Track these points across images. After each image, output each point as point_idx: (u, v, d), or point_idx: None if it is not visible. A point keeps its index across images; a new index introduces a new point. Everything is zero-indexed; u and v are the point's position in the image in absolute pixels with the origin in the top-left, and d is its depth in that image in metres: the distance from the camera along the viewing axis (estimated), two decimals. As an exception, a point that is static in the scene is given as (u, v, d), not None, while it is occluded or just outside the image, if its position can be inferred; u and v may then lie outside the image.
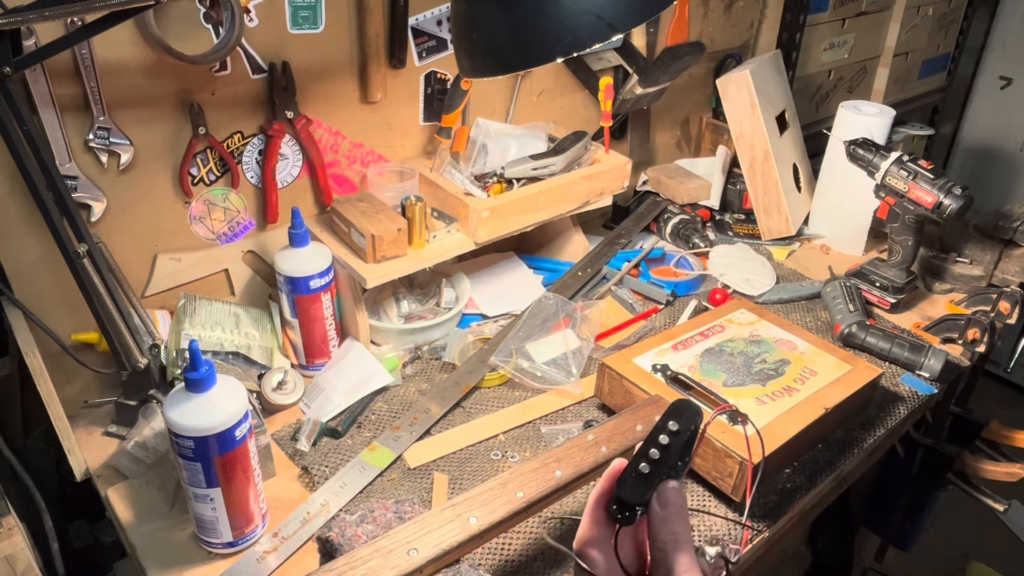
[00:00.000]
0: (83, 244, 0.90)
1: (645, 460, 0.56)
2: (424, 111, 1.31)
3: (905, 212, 1.32)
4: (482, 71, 0.81)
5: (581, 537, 0.58)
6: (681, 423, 0.59)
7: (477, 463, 1.02)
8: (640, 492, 0.55)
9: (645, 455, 0.57)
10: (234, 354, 1.08)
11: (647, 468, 0.56)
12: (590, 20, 0.72)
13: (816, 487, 1.02)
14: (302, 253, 1.09)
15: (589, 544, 0.57)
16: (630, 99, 1.44)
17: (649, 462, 0.56)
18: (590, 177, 1.33)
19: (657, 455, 0.57)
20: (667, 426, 0.59)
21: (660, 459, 0.57)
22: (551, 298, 1.25)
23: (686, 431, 0.59)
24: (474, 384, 1.14)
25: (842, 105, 1.51)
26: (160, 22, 0.97)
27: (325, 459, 1.01)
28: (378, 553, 0.71)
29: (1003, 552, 2.21)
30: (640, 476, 0.56)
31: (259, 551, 0.89)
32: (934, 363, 1.19)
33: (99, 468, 1.00)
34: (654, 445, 0.57)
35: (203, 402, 0.80)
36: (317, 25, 1.12)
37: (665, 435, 0.58)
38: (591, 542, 0.57)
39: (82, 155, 0.99)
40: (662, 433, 0.58)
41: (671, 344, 1.12)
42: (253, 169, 1.15)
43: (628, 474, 0.56)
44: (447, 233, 1.23)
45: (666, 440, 0.58)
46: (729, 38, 1.75)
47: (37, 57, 0.85)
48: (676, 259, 1.48)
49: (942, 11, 2.24)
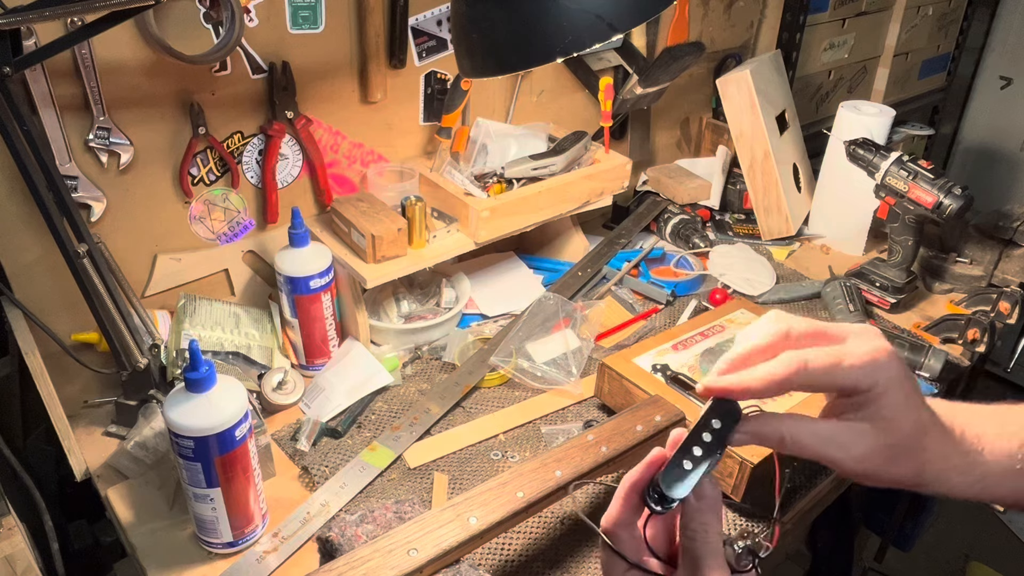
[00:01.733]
0: (83, 244, 0.90)
1: (688, 457, 0.58)
2: (424, 111, 1.31)
3: (905, 212, 1.33)
4: (482, 71, 0.81)
5: (611, 518, 0.59)
6: (724, 421, 0.60)
7: (477, 463, 1.02)
8: (684, 488, 0.57)
9: (688, 451, 0.58)
10: (234, 354, 1.08)
11: (690, 465, 0.58)
12: (590, 20, 0.72)
13: (816, 487, 1.02)
14: (302, 253, 1.09)
15: (619, 525, 0.59)
16: (630, 99, 1.44)
17: (692, 459, 0.58)
18: (590, 177, 1.33)
19: (700, 452, 0.58)
20: (710, 423, 0.60)
21: (702, 456, 0.58)
22: (551, 298, 1.25)
23: (727, 430, 0.60)
24: (474, 384, 1.14)
25: (842, 105, 1.51)
26: (160, 22, 0.97)
27: (325, 459, 1.01)
28: (378, 553, 0.71)
29: (1003, 552, 2.21)
30: (683, 471, 0.58)
31: (259, 551, 0.89)
32: (934, 363, 1.19)
33: (99, 468, 1.00)
34: (697, 442, 0.59)
35: (203, 402, 0.80)
36: (317, 25, 1.12)
37: (708, 432, 0.59)
38: (621, 523, 0.59)
39: (82, 155, 0.99)
40: (705, 431, 0.60)
41: (671, 344, 1.12)
42: (253, 169, 1.15)
43: (672, 467, 0.58)
44: (447, 233, 1.23)
45: (709, 438, 0.59)
46: (729, 38, 1.75)
47: (37, 57, 0.85)
48: (676, 259, 1.48)
49: (942, 11, 2.24)
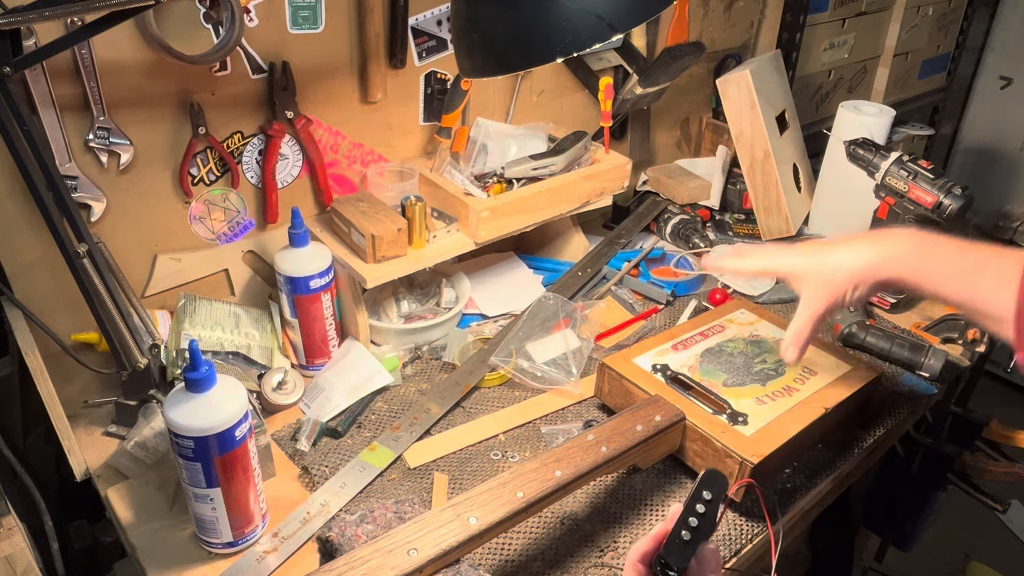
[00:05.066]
0: (83, 244, 0.90)
1: (686, 528, 0.67)
2: (424, 111, 1.31)
3: (905, 212, 1.32)
4: (482, 71, 0.81)
5: None
6: (714, 492, 0.69)
7: (477, 463, 1.02)
8: (684, 557, 0.66)
9: (686, 523, 0.67)
10: (234, 354, 1.08)
11: (688, 535, 0.67)
12: (590, 20, 0.72)
13: (816, 487, 1.02)
14: (302, 253, 1.09)
15: None
16: (630, 99, 1.44)
17: (689, 529, 0.67)
18: (590, 177, 1.33)
19: (696, 523, 0.67)
20: (702, 495, 0.69)
21: (699, 526, 0.67)
22: (551, 298, 1.25)
23: (718, 499, 0.69)
24: (474, 384, 1.14)
25: (842, 105, 1.51)
26: (160, 22, 0.97)
27: (325, 459, 1.01)
28: (378, 553, 0.72)
29: (1003, 552, 2.21)
30: (683, 542, 0.66)
31: (259, 551, 0.89)
32: (934, 363, 1.19)
33: (99, 468, 1.00)
34: (692, 514, 0.68)
35: (203, 402, 0.80)
36: (317, 25, 1.12)
37: (701, 504, 0.68)
38: None
39: (82, 155, 0.99)
40: (698, 502, 0.68)
41: (671, 344, 1.12)
42: (253, 169, 1.15)
43: (673, 540, 0.67)
44: (447, 233, 1.23)
45: (702, 508, 0.68)
46: (729, 38, 1.75)
47: (37, 57, 0.85)
48: (676, 259, 1.48)
49: (942, 11, 2.24)
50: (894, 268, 0.82)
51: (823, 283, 0.86)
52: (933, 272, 0.79)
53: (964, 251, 0.79)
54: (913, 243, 0.82)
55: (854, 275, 0.84)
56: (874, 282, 0.84)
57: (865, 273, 0.83)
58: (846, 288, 0.84)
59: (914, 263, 0.81)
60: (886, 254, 0.82)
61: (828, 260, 0.86)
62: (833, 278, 0.85)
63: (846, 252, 0.85)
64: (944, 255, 0.79)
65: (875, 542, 1.72)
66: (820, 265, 0.87)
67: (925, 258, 0.80)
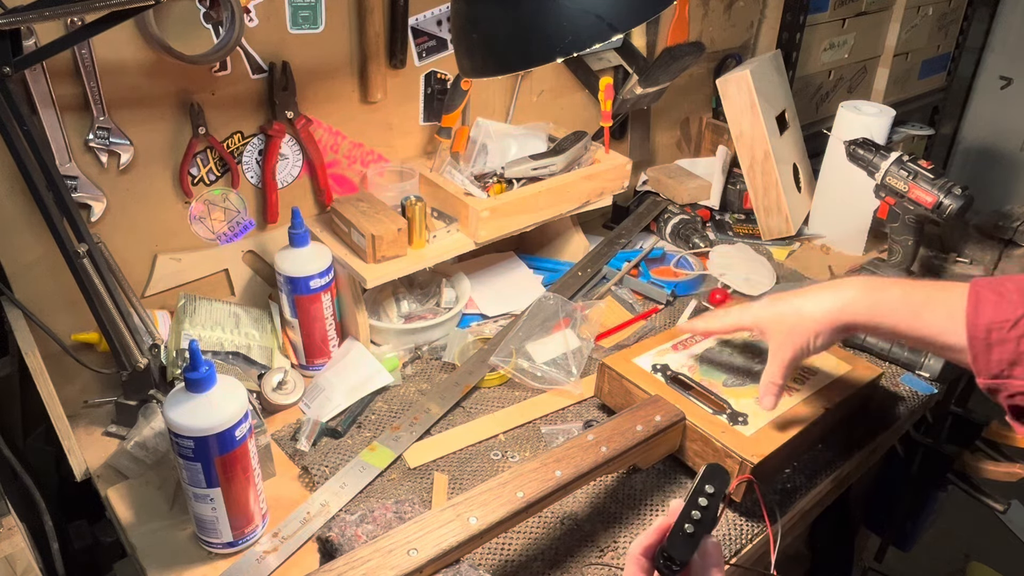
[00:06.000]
0: (83, 244, 0.90)
1: (689, 521, 0.68)
2: (424, 111, 1.31)
3: (905, 212, 1.32)
4: (482, 71, 0.81)
5: None
6: (716, 486, 0.70)
7: (477, 463, 1.02)
8: (687, 550, 0.66)
9: (688, 516, 0.68)
10: (234, 354, 1.08)
11: (691, 528, 0.67)
12: (590, 20, 0.72)
13: (816, 487, 1.02)
14: (302, 253, 1.09)
15: None
16: (630, 99, 1.44)
17: (692, 523, 0.67)
18: (590, 177, 1.33)
19: (699, 516, 0.68)
20: (704, 489, 0.70)
21: (701, 519, 0.68)
22: (551, 298, 1.25)
23: (720, 492, 0.70)
24: (474, 384, 1.14)
25: (842, 105, 1.51)
26: (160, 22, 0.97)
27: (325, 459, 1.01)
28: (378, 553, 0.72)
29: (1003, 552, 2.21)
30: (686, 535, 0.67)
31: (259, 551, 0.89)
32: (934, 363, 1.19)
33: (99, 468, 1.00)
34: (695, 507, 0.68)
35: (203, 402, 0.80)
36: (317, 25, 1.12)
37: (704, 497, 0.69)
38: None
39: (82, 155, 0.99)
40: (701, 496, 0.69)
41: (671, 344, 1.12)
42: (253, 169, 1.15)
43: (676, 533, 0.67)
44: (447, 233, 1.23)
45: (705, 502, 0.69)
46: (729, 38, 1.75)
47: (37, 57, 0.85)
48: (676, 259, 1.48)
49: (942, 11, 2.24)
50: (850, 312, 0.86)
51: (788, 332, 0.91)
52: (886, 312, 0.83)
53: (912, 289, 0.83)
54: (864, 287, 0.87)
55: (815, 323, 0.89)
56: (832, 328, 0.88)
57: (824, 320, 0.88)
58: (808, 336, 0.89)
59: (867, 304, 0.85)
60: (842, 299, 0.87)
61: (789, 311, 0.91)
62: (796, 327, 0.90)
63: (803, 301, 0.91)
64: (893, 295, 0.84)
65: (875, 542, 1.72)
66: (783, 316, 0.92)
67: (876, 300, 0.85)
